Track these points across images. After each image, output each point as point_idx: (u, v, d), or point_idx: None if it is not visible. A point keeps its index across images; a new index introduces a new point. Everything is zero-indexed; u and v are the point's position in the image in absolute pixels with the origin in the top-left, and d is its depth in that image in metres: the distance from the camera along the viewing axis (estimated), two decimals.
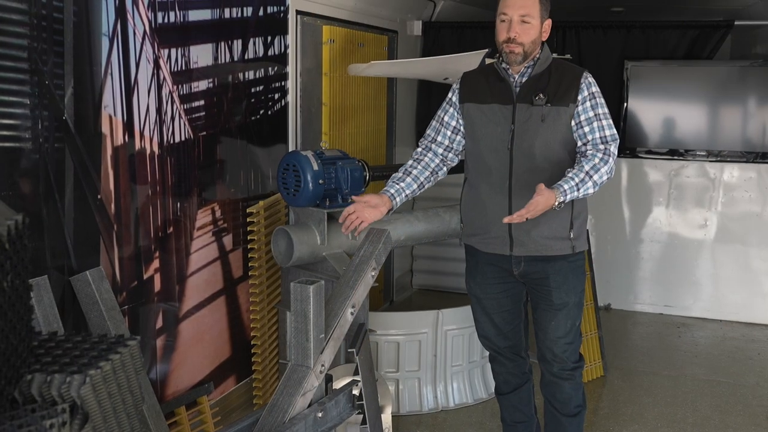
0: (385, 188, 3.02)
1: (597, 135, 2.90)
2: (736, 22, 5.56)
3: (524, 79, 2.95)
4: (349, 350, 2.97)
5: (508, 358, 3.25)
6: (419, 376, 4.03)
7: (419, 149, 3.14)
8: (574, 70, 2.98)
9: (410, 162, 3.10)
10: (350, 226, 2.98)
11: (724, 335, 5.33)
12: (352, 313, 2.84)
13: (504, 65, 2.98)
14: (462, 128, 3.08)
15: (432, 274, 6.25)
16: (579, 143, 2.93)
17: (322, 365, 2.68)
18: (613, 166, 2.89)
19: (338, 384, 3.06)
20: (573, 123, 2.91)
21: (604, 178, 2.85)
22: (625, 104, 5.84)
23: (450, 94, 3.13)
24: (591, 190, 2.83)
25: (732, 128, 5.67)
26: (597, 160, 2.86)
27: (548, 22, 2.96)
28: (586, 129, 2.90)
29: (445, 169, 3.14)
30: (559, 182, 2.79)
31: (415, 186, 3.05)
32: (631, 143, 5.82)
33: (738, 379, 4.52)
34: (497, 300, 3.14)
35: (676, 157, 5.72)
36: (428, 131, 3.15)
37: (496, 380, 3.35)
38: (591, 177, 2.82)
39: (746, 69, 5.60)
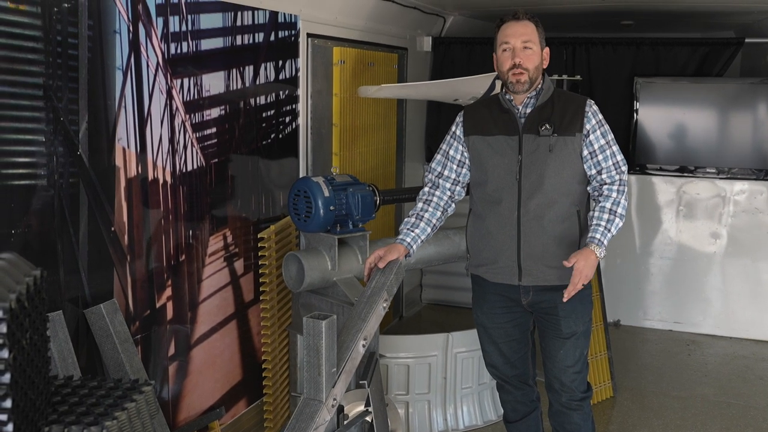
0: (400, 237, 3.05)
1: (611, 162, 2.93)
2: (746, 40, 5.56)
3: (528, 110, 2.97)
4: (360, 382, 2.98)
5: (516, 386, 3.26)
6: (429, 399, 4.04)
7: (426, 189, 3.15)
8: (578, 99, 3.01)
9: (420, 205, 3.11)
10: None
11: (734, 353, 5.33)
12: (363, 346, 2.86)
13: (508, 96, 3.00)
14: (467, 161, 3.10)
15: (441, 289, 6.27)
16: (593, 171, 2.95)
17: (334, 399, 2.70)
18: (626, 190, 2.96)
19: (349, 410, 3.08)
20: (586, 152, 2.93)
21: (625, 206, 2.93)
22: (635, 121, 5.83)
23: (453, 128, 3.15)
24: (620, 224, 2.90)
25: (742, 145, 5.66)
26: (615, 194, 2.91)
27: (546, 50, 3.00)
28: (600, 157, 2.93)
29: (453, 205, 3.17)
30: (589, 235, 2.86)
31: (429, 230, 3.09)
32: (641, 160, 5.82)
33: (748, 400, 4.51)
34: (504, 329, 3.16)
35: (685, 174, 5.71)
36: (434, 165, 3.16)
37: (504, 408, 3.36)
38: (615, 212, 2.89)
39: (756, 86, 5.58)
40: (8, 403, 1.46)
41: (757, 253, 5.57)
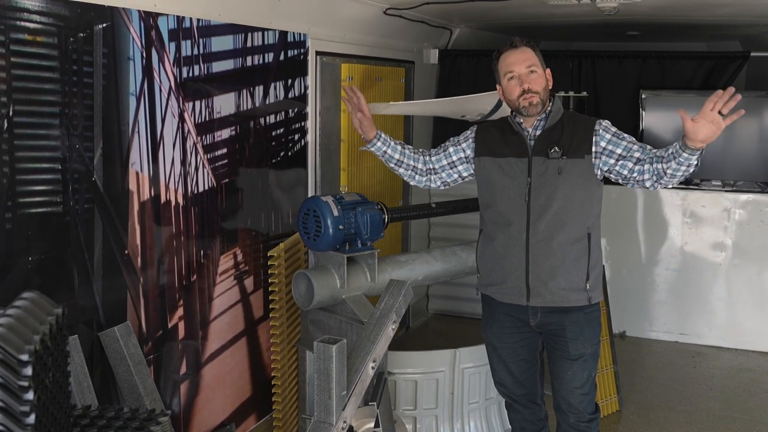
0: (381, 131, 3.29)
1: (646, 149, 2.91)
2: (752, 53, 5.59)
3: (538, 132, 3.01)
4: (370, 403, 3.02)
5: (524, 405, 3.30)
6: (437, 414, 4.08)
7: (420, 151, 3.33)
8: (587, 121, 3.03)
9: (409, 147, 3.32)
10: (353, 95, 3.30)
11: (740, 365, 5.35)
12: (373, 368, 2.90)
13: (518, 119, 3.04)
14: (458, 168, 3.23)
15: (448, 299, 6.29)
16: (629, 165, 2.90)
17: (344, 421, 2.75)
18: None
19: (357, 426, 3.12)
20: (612, 161, 2.93)
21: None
22: (641, 132, 5.86)
23: (464, 141, 3.21)
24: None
25: (747, 158, 5.69)
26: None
27: (548, 71, 3.04)
28: (629, 153, 2.91)
29: (421, 178, 3.32)
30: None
31: (396, 156, 3.28)
32: None
33: (753, 414, 4.54)
34: (513, 349, 3.20)
35: (691, 187, 5.74)
36: (432, 150, 3.31)
37: (513, 427, 3.41)
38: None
39: (762, 99, 5.61)
40: None
41: (763, 265, 5.59)
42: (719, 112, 2.65)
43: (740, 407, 4.65)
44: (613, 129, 2.99)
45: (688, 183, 5.77)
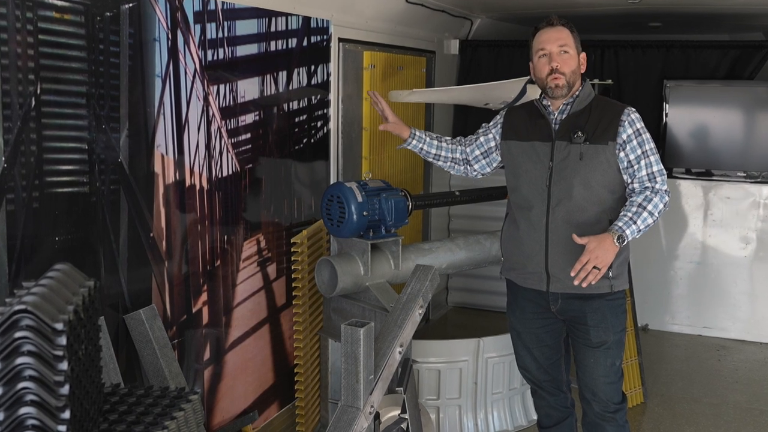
0: (415, 129, 3.41)
1: (644, 173, 2.90)
2: None
3: (563, 116, 2.96)
4: (397, 389, 2.98)
5: (549, 392, 3.26)
6: (460, 404, 4.04)
7: (457, 139, 3.38)
8: (615, 107, 2.97)
9: (446, 139, 3.38)
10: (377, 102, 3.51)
11: (765, 359, 5.28)
12: (400, 352, 2.87)
13: (545, 102, 3.00)
14: (490, 156, 3.26)
15: (467, 292, 6.25)
16: (628, 181, 2.94)
17: (372, 406, 2.71)
18: (667, 198, 2.90)
19: (382, 414, 3.09)
20: (625, 163, 2.91)
21: (660, 206, 2.86)
22: (664, 124, 5.80)
23: (493, 127, 3.20)
24: (650, 220, 2.84)
25: None
26: (648, 192, 2.87)
27: (583, 56, 3.00)
28: (635, 167, 2.91)
29: (460, 168, 3.36)
30: (613, 223, 2.82)
31: (433, 151, 3.38)
32: (670, 163, 5.78)
33: None
34: (536, 335, 3.15)
35: (714, 178, 5.67)
36: (466, 138, 3.34)
37: (538, 414, 3.37)
38: (645, 208, 2.83)
39: None
40: (67, 414, 1.48)
41: None
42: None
43: (766, 400, 4.58)
44: (638, 125, 2.90)
45: (711, 174, 5.70)
